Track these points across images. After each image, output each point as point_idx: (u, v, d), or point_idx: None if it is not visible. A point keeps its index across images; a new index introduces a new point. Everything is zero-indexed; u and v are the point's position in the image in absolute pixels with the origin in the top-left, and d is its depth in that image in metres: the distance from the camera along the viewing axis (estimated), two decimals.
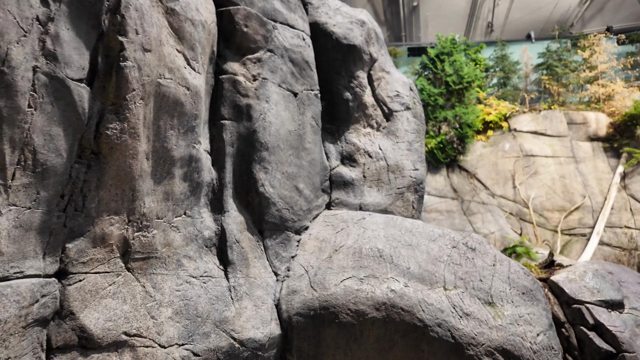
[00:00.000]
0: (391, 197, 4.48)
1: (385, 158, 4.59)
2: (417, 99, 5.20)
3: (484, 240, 3.97)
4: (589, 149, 15.92)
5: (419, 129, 4.96)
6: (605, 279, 3.77)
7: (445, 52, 15.42)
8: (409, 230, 3.78)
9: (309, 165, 3.99)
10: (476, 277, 3.43)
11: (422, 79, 15.61)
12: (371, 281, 3.26)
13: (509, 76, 18.32)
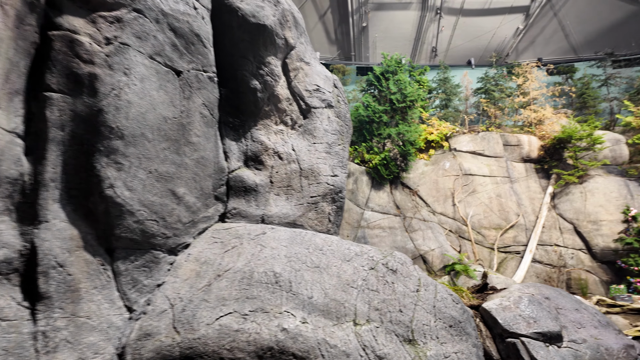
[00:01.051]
0: (302, 208, 3.66)
1: (299, 161, 3.81)
2: (343, 98, 4.49)
3: (407, 260, 3.27)
4: (523, 170, 16.29)
5: (343, 130, 4.22)
6: (541, 305, 3.20)
7: (390, 71, 15.26)
8: (319, 249, 2.98)
9: (196, 165, 3.04)
10: (395, 307, 2.69)
11: (368, 96, 15.31)
12: (258, 317, 2.39)
13: (450, 98, 18.59)
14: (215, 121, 3.31)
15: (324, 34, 22.87)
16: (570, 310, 3.31)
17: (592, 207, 14.43)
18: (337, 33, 22.81)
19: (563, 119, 16.96)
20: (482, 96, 18.65)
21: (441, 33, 22.01)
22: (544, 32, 23.06)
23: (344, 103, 4.41)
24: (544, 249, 14.57)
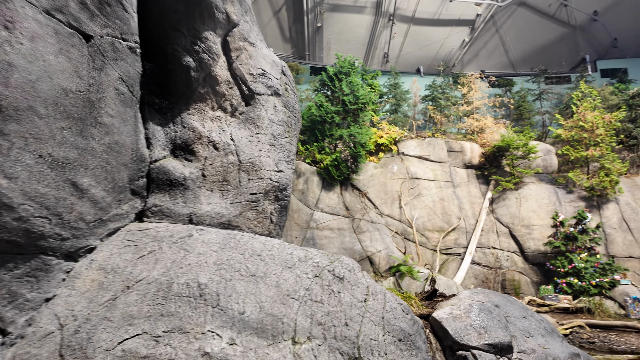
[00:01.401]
0: (240, 206, 3.19)
1: (238, 152, 3.32)
2: (292, 87, 4.07)
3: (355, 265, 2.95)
4: (465, 175, 16.90)
5: (291, 122, 3.79)
6: (492, 314, 3.04)
7: (343, 72, 15.12)
8: (257, 254, 2.56)
9: (108, 151, 2.46)
10: (341, 320, 2.35)
11: (321, 96, 15.06)
12: (175, 339, 1.93)
13: (399, 103, 18.89)
14: (135, 100, 2.74)
15: (278, 31, 22.33)
16: (518, 318, 3.20)
17: (526, 212, 15.27)
18: (292, 31, 22.38)
19: (502, 129, 17.86)
20: (429, 103, 19.15)
21: (393, 39, 22.37)
22: (487, 46, 24.29)
23: (293, 93, 4.00)
24: (482, 251, 15.17)
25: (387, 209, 15.55)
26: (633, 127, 17.31)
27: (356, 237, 13.98)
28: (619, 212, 14.69)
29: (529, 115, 20.28)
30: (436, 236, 15.37)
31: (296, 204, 13.82)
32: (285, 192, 3.53)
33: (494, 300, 3.28)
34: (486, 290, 3.70)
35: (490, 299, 3.29)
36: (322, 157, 14.40)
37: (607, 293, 12.16)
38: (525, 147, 15.59)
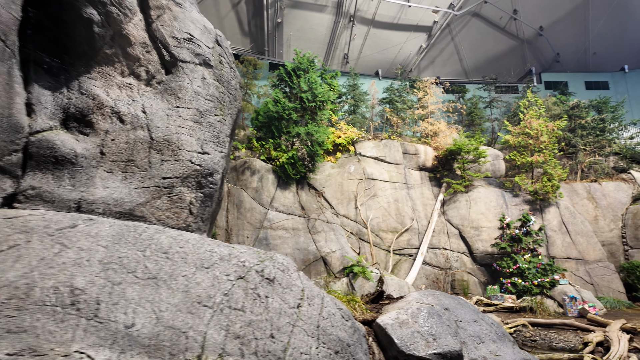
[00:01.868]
0: (147, 193, 2.61)
1: (150, 127, 2.71)
2: (229, 61, 3.49)
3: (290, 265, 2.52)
4: (418, 177, 17.05)
5: (224, 99, 3.22)
6: (441, 319, 2.73)
7: (302, 69, 14.69)
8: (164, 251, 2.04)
9: None
10: (265, 332, 1.90)
11: (278, 91, 14.52)
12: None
13: (358, 105, 18.78)
14: (10, 54, 2.10)
15: (236, 24, 21.53)
16: (469, 322, 2.93)
17: (475, 215, 15.62)
18: (251, 25, 21.66)
19: (454, 133, 18.26)
20: (386, 106, 19.21)
21: (353, 41, 22.30)
22: (443, 53, 24.90)
23: (230, 67, 3.45)
24: (433, 252, 15.32)
25: (343, 209, 15.31)
26: (572, 136, 18.32)
27: (311, 237, 13.57)
28: (559, 216, 15.40)
29: (480, 121, 20.95)
30: (390, 237, 15.33)
31: (249, 202, 13.19)
32: (211, 178, 2.97)
33: (444, 303, 2.98)
34: (436, 291, 3.39)
35: (440, 302, 2.98)
36: (277, 155, 13.87)
37: (548, 292, 12.62)
38: (475, 151, 15.97)
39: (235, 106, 3.23)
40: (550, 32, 24.51)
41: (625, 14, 23.83)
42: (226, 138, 2.93)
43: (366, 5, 21.06)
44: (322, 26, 21.67)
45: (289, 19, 20.98)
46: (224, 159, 2.77)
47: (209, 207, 3.02)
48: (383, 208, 15.62)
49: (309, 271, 12.89)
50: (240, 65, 18.46)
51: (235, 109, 3.21)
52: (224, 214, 12.74)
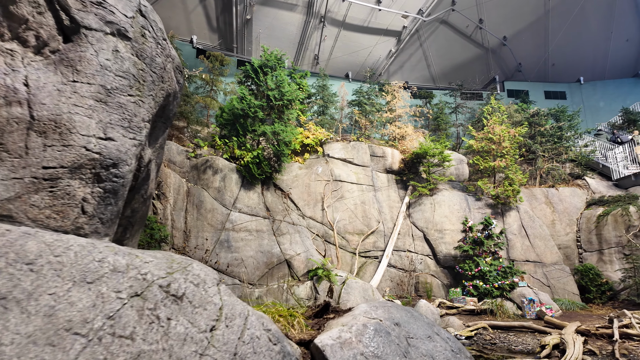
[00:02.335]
0: (18, 186, 2.02)
1: (31, 104, 2.18)
2: (156, 36, 2.89)
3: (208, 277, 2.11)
4: (385, 180, 16.99)
5: (145, 78, 2.66)
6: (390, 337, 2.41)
7: (269, 66, 14.24)
8: (28, 261, 1.52)
9: None
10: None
11: (244, 88, 13.98)
12: None
13: (327, 106, 18.53)
14: None
15: (204, 19, 20.75)
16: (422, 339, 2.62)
17: (439, 217, 15.71)
18: (220, 21, 20.96)
19: (421, 137, 18.36)
20: (355, 108, 19.08)
21: (324, 42, 22.06)
22: (411, 59, 25.14)
23: (157, 44, 2.90)
24: (398, 255, 15.26)
25: (309, 211, 14.96)
26: (532, 142, 18.87)
27: (275, 239, 13.12)
28: (519, 220, 15.74)
29: (446, 126, 21.23)
30: (356, 239, 15.13)
31: (211, 203, 12.57)
32: (115, 169, 2.44)
33: (395, 317, 2.66)
34: (388, 303, 3.07)
35: (391, 316, 2.66)
36: (242, 153, 13.33)
37: (508, 295, 12.78)
38: (440, 155, 16.08)
39: (163, 88, 2.74)
40: (513, 42, 25.30)
41: (581, 28, 24.98)
42: (143, 124, 2.44)
43: (337, 7, 20.88)
44: (293, 25, 21.29)
45: (258, 16, 20.46)
46: (140, 148, 2.32)
47: (112, 206, 2.50)
48: (350, 210, 15.40)
49: (272, 275, 12.44)
50: (206, 61, 17.74)
51: (162, 92, 2.72)
52: (183, 214, 12.07)
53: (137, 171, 2.62)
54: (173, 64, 2.92)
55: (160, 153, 3.27)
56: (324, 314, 3.29)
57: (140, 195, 2.77)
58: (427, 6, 21.98)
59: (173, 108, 3.09)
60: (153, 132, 2.81)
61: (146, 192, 2.93)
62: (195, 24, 20.73)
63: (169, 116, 3.22)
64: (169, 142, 13.08)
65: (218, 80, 17.38)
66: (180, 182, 12.43)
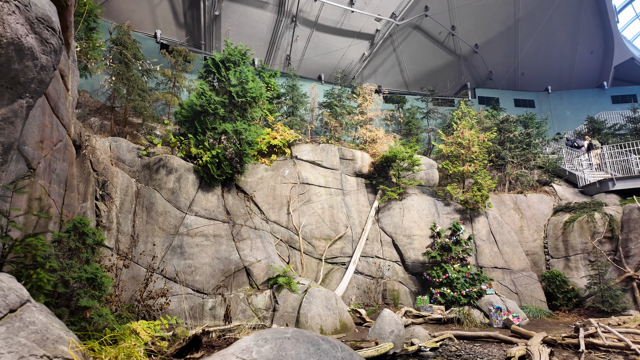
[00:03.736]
0: None
1: None
2: None
3: None
4: (354, 184, 16.40)
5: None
6: None
7: (232, 61, 13.42)
8: None
9: None
10: None
11: (204, 83, 13.08)
12: None
13: (297, 106, 17.84)
14: None
15: (171, 14, 19.74)
16: None
17: (408, 223, 15.22)
18: (187, 17, 19.99)
19: (392, 141, 17.92)
20: (326, 110, 18.49)
21: (295, 42, 21.42)
22: (385, 63, 24.85)
23: None
24: (366, 261, 14.64)
25: (274, 215, 14.16)
26: (501, 148, 18.76)
27: (234, 245, 12.22)
28: (488, 225, 15.44)
29: (417, 131, 20.94)
30: (323, 244, 14.42)
31: (163, 205, 11.56)
32: None
33: (287, 355, 1.88)
34: (286, 333, 2.29)
35: (281, 352, 1.88)
36: (199, 152, 12.41)
37: (475, 303, 12.34)
38: (410, 159, 15.65)
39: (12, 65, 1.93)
40: (485, 50, 25.44)
41: (549, 39, 25.40)
42: None
43: (309, 7, 20.32)
44: (263, 24, 20.56)
45: (227, 12, 19.62)
46: None
47: None
48: (317, 214, 14.70)
49: (229, 283, 11.53)
50: (168, 56, 16.75)
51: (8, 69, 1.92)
52: (130, 217, 11.01)
53: None
54: (21, 11, 2.13)
55: (10, 130, 2.46)
56: (189, 351, 2.53)
57: None
58: (400, 10, 21.75)
59: (27, 71, 2.32)
60: None
61: None
62: (160, 19, 19.68)
63: (19, 81, 2.42)
64: (118, 139, 12.04)
65: (181, 77, 16.40)
66: (129, 182, 11.39)
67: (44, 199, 7.68)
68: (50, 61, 2.63)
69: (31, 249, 4.41)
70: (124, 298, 9.74)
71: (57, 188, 8.36)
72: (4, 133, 2.39)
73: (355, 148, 17.25)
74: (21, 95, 2.49)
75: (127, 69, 13.91)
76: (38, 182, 7.49)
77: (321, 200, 15.04)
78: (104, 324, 7.35)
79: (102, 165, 10.97)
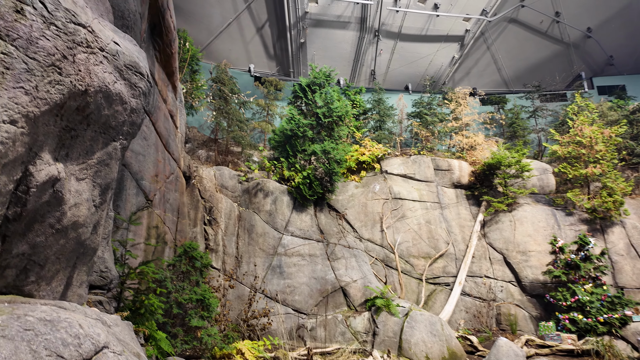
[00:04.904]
0: None
1: None
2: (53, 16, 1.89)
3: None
4: (453, 196, 15.14)
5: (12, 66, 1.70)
6: None
7: (317, 84, 13.72)
8: None
9: None
10: None
11: (293, 108, 13.60)
12: None
13: (384, 120, 17.41)
14: None
15: (262, 48, 21.26)
16: None
17: (521, 237, 13.40)
18: (276, 48, 21.30)
19: (494, 146, 16.23)
20: (415, 120, 17.67)
21: (379, 56, 21.17)
22: (479, 64, 23.01)
23: (49, 25, 1.94)
24: (473, 281, 13.23)
25: (367, 233, 13.78)
26: (635, 144, 15.58)
27: (329, 264, 12.15)
28: (626, 237, 12.78)
29: (523, 132, 18.68)
30: (422, 263, 13.49)
31: (262, 227, 12.10)
32: None
33: None
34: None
35: None
36: (291, 174, 12.78)
37: (618, 332, 10.13)
38: (518, 164, 13.89)
39: (62, 82, 1.88)
40: (600, 33, 21.84)
41: None
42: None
43: (391, 19, 19.96)
44: (346, 43, 20.81)
45: (312, 38, 20.36)
46: None
47: None
48: (413, 231, 13.88)
49: (326, 303, 11.42)
50: (261, 87, 17.95)
51: (60, 87, 1.92)
52: (234, 239, 11.74)
53: (24, 194, 1.96)
54: (109, 61, 2.27)
55: (106, 172, 2.64)
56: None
57: (48, 225, 2.13)
58: (491, 5, 20.02)
59: (117, 115, 2.47)
60: (70, 142, 2.18)
61: (60, 221, 2.26)
62: (253, 54, 21.32)
63: (111, 125, 2.58)
64: (221, 168, 13.07)
65: (273, 105, 17.38)
66: (232, 206, 12.20)
67: (160, 227, 8.57)
68: (140, 103, 2.81)
69: (144, 275, 4.82)
70: (231, 317, 10.27)
71: (171, 216, 9.30)
72: (101, 175, 2.58)
73: (451, 157, 16.02)
74: (114, 138, 2.68)
75: (225, 103, 15.23)
76: (155, 212, 8.40)
77: (416, 215, 14.18)
78: (213, 343, 7.76)
79: (208, 192, 11.98)
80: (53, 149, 2.05)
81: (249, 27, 20.44)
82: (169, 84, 9.61)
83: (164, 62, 8.61)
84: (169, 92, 9.69)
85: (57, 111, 2.01)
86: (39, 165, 1.95)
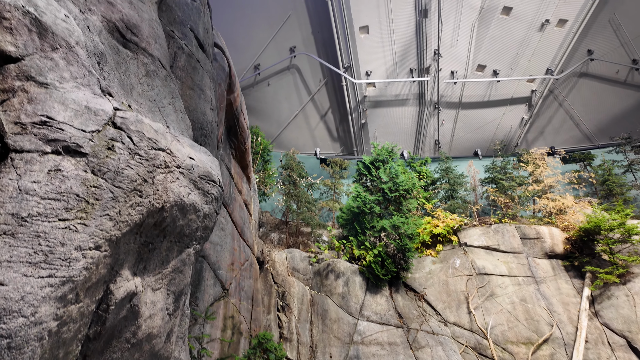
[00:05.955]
0: None
1: None
2: (137, 147, 2.17)
3: None
4: (549, 268, 13.32)
5: (99, 196, 2.16)
6: None
7: (380, 160, 13.89)
8: None
9: None
10: None
11: (358, 186, 13.73)
12: None
13: (455, 188, 16.69)
14: None
15: (326, 132, 22.59)
16: None
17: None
18: (339, 131, 22.49)
19: (587, 208, 14.44)
20: (490, 186, 16.67)
21: (442, 126, 21.15)
22: (552, 121, 21.78)
23: (133, 155, 2.20)
24: None
25: (452, 316, 12.44)
26: None
27: (413, 354, 11.00)
28: None
29: (621, 190, 16.49)
30: (523, 351, 11.59)
31: (335, 311, 11.59)
32: None
33: None
34: None
35: None
36: (361, 253, 12.42)
37: None
38: (622, 227, 12.04)
39: (141, 204, 2.11)
40: None
41: None
42: (78, 253, 1.81)
43: (450, 90, 20.25)
44: (407, 118, 21.29)
45: (372, 117, 21.25)
46: (70, 287, 1.70)
47: None
48: (507, 311, 12.24)
49: None
50: (327, 168, 18.66)
51: (140, 208, 2.09)
52: (308, 326, 11.30)
53: (104, 312, 2.07)
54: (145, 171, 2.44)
55: (180, 278, 2.75)
56: None
57: (124, 340, 2.19)
58: (555, 64, 19.47)
59: (191, 224, 2.64)
60: (147, 255, 2.34)
61: (135, 335, 2.32)
62: (318, 138, 22.68)
63: (185, 233, 2.74)
64: (292, 250, 13.21)
65: (339, 183, 17.81)
66: (304, 290, 12.00)
67: (235, 317, 8.61)
68: (213, 208, 3.01)
69: None
70: None
71: (246, 304, 9.36)
72: (175, 283, 2.70)
73: (539, 223, 14.49)
74: (188, 245, 2.84)
75: (294, 187, 15.97)
76: (230, 301, 8.54)
77: (507, 292, 12.61)
78: None
79: (281, 276, 12.02)
80: (132, 264, 2.24)
81: (314, 116, 22.08)
82: (243, 176, 10.43)
83: (239, 158, 9.47)
84: (244, 184, 10.47)
85: (137, 230, 2.23)
86: (119, 283, 2.11)
